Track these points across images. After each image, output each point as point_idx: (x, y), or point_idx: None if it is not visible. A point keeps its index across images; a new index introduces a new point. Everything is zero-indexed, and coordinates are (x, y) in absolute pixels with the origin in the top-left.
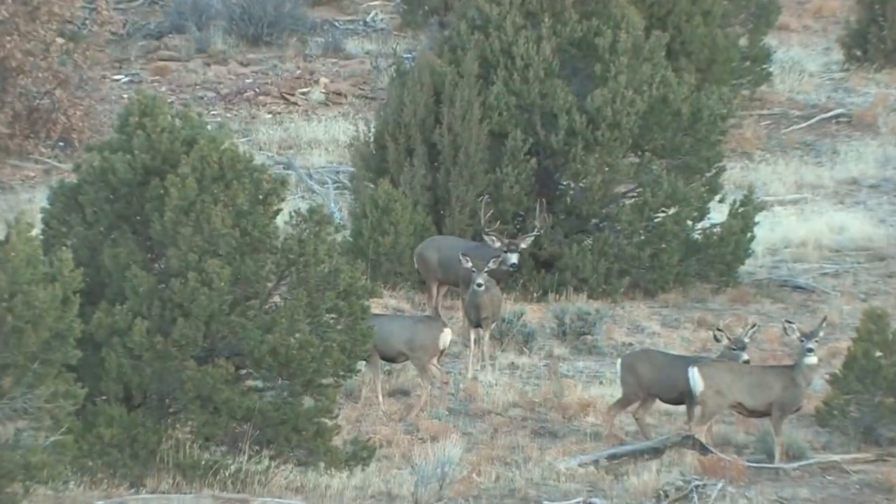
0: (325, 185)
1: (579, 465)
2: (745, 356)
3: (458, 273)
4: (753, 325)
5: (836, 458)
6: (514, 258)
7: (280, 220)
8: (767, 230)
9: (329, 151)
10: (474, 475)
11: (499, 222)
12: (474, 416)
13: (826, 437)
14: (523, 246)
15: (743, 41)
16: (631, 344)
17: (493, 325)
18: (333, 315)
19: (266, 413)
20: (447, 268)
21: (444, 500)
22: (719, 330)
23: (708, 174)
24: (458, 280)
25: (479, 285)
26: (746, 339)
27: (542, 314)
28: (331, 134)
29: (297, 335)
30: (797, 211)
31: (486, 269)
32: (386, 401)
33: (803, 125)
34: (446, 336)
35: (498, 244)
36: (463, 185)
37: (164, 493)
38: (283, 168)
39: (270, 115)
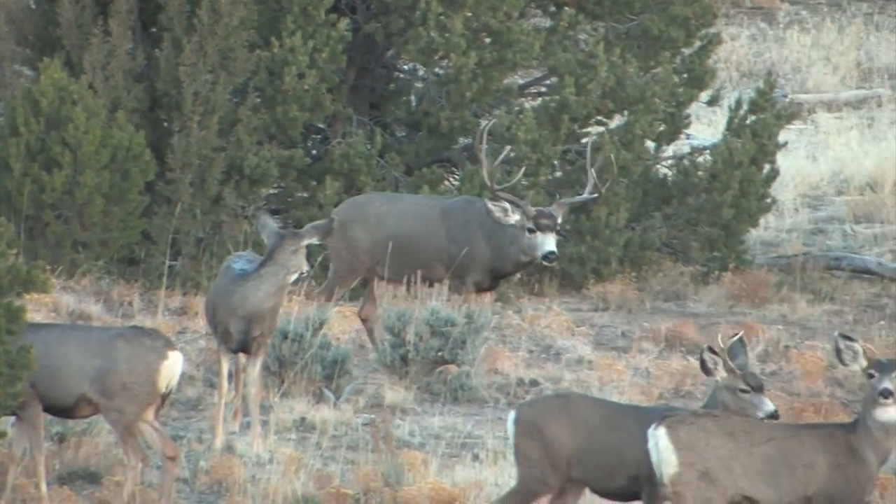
0: None
1: None
2: (768, 405)
3: (410, 262)
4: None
5: None
6: (550, 243)
7: None
8: (804, 160)
9: None
10: None
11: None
12: None
13: None
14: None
15: None
16: (536, 383)
17: (267, 345)
18: None
19: None
20: (398, 253)
21: None
22: (713, 352)
23: (687, 50)
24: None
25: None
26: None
27: (362, 324)
28: None
29: None
30: (861, 122)
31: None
32: (55, 493)
33: None
34: (173, 365)
35: (516, 217)
36: (206, 69)
37: None
38: None
39: None
